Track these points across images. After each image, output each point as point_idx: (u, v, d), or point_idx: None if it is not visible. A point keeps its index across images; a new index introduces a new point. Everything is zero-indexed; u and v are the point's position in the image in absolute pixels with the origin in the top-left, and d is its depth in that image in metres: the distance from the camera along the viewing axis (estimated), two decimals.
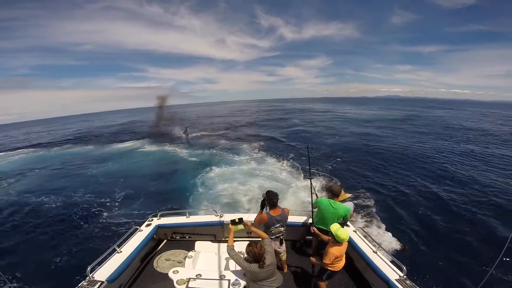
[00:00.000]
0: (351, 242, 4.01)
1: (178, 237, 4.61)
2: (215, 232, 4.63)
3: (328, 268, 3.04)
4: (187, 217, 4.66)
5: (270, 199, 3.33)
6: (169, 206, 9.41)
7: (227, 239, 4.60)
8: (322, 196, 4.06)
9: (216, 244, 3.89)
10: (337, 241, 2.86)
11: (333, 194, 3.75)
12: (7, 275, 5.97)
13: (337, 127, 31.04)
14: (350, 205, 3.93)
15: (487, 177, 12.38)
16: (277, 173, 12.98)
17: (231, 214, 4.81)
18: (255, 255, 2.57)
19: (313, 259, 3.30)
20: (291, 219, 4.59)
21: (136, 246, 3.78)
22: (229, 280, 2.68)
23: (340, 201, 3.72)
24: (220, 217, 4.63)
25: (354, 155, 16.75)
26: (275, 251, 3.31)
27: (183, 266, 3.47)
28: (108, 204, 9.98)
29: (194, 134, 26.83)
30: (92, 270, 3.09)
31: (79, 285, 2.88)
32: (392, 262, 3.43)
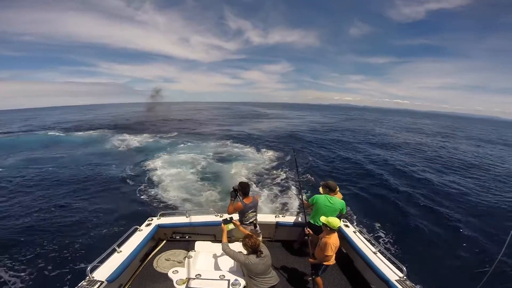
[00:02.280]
0: (351, 243, 4.02)
1: (178, 237, 4.61)
2: (215, 232, 4.63)
3: (324, 263, 3.13)
4: (187, 217, 4.66)
5: (243, 189, 3.74)
6: (169, 206, 9.41)
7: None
8: (318, 193, 4.10)
9: (216, 244, 3.89)
10: (331, 230, 3.01)
11: (330, 189, 3.86)
12: (6, 275, 5.97)
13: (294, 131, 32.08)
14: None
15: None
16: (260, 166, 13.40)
17: (231, 214, 4.82)
18: (252, 245, 2.74)
19: (311, 260, 3.32)
20: (286, 219, 4.61)
21: (136, 246, 3.78)
22: (228, 280, 2.68)
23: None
24: (220, 217, 4.63)
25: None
26: (254, 232, 3.74)
27: (182, 266, 3.47)
28: (108, 203, 9.97)
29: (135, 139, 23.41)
30: (92, 270, 3.08)
31: (79, 285, 2.88)
32: (392, 262, 3.43)
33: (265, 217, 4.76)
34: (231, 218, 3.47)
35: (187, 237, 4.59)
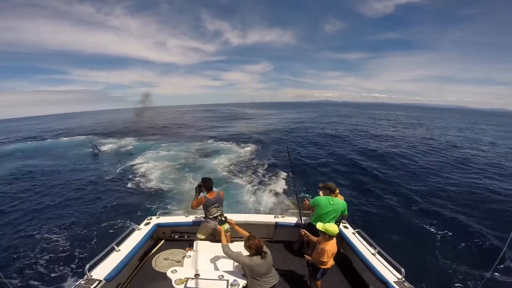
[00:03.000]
0: (349, 244, 4.01)
1: (176, 237, 4.61)
2: (214, 232, 4.63)
3: (321, 267, 3.11)
4: (186, 216, 4.65)
5: (206, 184, 3.85)
6: (168, 205, 9.41)
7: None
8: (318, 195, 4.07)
9: (215, 244, 3.89)
10: (329, 237, 2.98)
11: (330, 191, 3.83)
12: (5, 274, 5.96)
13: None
14: None
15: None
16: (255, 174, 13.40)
17: (230, 214, 4.81)
18: (257, 246, 2.70)
19: (308, 257, 3.32)
20: (285, 220, 4.60)
21: (134, 245, 3.77)
22: (227, 280, 2.67)
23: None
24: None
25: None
26: (216, 229, 3.80)
27: (181, 265, 3.46)
28: (107, 203, 9.97)
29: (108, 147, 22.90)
30: (90, 268, 3.07)
31: (77, 283, 2.87)
32: (390, 264, 3.43)
33: (264, 217, 4.76)
34: (225, 218, 3.45)
35: (186, 236, 4.58)
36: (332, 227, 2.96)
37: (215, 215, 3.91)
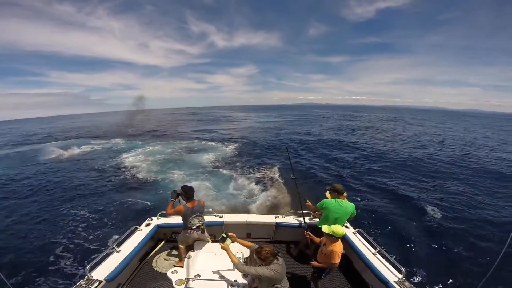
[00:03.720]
0: (350, 243, 4.01)
1: (177, 237, 4.61)
2: (214, 232, 4.63)
3: (332, 267, 3.11)
4: None
5: (186, 193, 3.58)
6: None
7: None
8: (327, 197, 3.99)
9: (215, 245, 3.89)
10: (336, 239, 2.98)
11: (338, 192, 3.77)
12: (4, 274, 5.95)
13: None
14: None
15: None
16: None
17: (230, 214, 4.82)
18: (272, 252, 2.57)
19: (314, 263, 3.28)
20: (285, 220, 4.60)
21: (135, 246, 3.78)
22: (228, 281, 2.67)
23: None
24: (220, 217, 4.63)
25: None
26: (202, 238, 3.75)
27: (182, 266, 3.47)
28: (107, 202, 9.98)
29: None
30: (91, 269, 3.08)
31: (77, 284, 2.87)
32: (391, 264, 3.43)
33: (264, 217, 4.76)
34: (226, 233, 3.03)
35: None
36: (338, 229, 2.97)
37: (197, 225, 3.66)
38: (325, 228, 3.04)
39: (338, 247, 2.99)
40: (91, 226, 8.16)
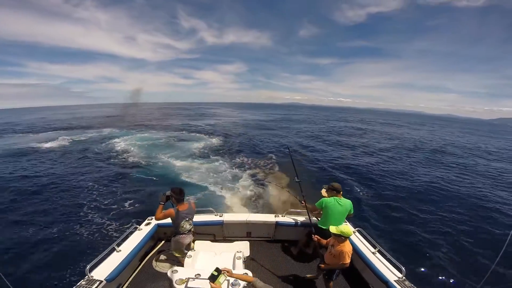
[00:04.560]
0: (350, 242, 4.02)
1: None
2: (214, 232, 4.63)
3: (344, 268, 3.09)
4: None
5: (177, 195, 3.36)
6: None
7: (226, 238, 4.62)
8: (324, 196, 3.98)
9: (215, 244, 3.89)
10: (344, 238, 2.99)
11: (337, 191, 3.79)
12: (5, 274, 5.95)
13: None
14: None
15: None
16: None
17: (230, 213, 4.82)
18: None
19: (323, 265, 3.27)
20: (285, 219, 4.60)
21: (135, 245, 3.78)
22: (228, 280, 2.67)
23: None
24: (220, 216, 4.63)
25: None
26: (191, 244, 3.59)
27: (180, 264, 3.47)
28: (107, 202, 9.96)
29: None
30: (91, 269, 3.08)
31: (78, 284, 2.87)
32: (391, 263, 3.43)
33: (264, 216, 4.76)
34: (218, 269, 2.40)
35: None
36: (347, 229, 2.97)
37: (189, 229, 3.52)
38: (333, 229, 3.03)
39: (347, 247, 3.00)
40: (91, 225, 8.16)
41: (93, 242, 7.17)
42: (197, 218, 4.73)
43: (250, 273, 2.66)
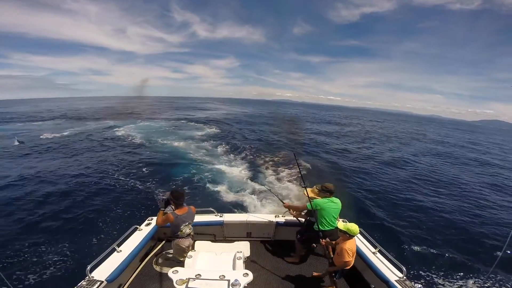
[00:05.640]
0: None
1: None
2: (215, 232, 4.63)
3: (346, 268, 3.09)
4: None
5: (176, 199, 3.27)
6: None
7: (226, 238, 4.62)
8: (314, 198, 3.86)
9: (216, 244, 3.89)
10: (349, 236, 2.98)
11: (330, 192, 3.76)
12: (5, 274, 5.94)
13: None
14: None
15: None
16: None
17: (231, 213, 4.82)
18: None
19: (330, 268, 3.26)
20: (284, 219, 4.60)
21: (135, 246, 3.78)
22: (228, 280, 2.67)
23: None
24: (220, 216, 4.63)
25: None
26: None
27: (182, 266, 3.47)
28: (107, 202, 9.96)
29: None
30: (92, 269, 3.07)
31: (78, 284, 2.87)
32: (392, 262, 3.43)
33: (264, 216, 4.76)
34: None
35: None
36: (354, 227, 2.97)
37: (188, 233, 3.46)
38: (340, 225, 3.06)
39: (348, 245, 2.99)
40: (90, 224, 8.16)
41: (93, 242, 7.17)
42: (198, 218, 4.72)
43: (250, 273, 2.66)
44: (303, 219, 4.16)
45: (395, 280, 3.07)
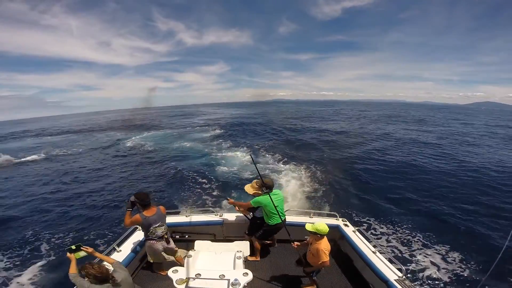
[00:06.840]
0: (350, 242, 4.02)
1: (177, 237, 4.61)
2: (214, 232, 4.64)
3: (323, 267, 3.10)
4: (186, 216, 4.65)
5: (142, 201, 3.23)
6: (168, 205, 9.41)
7: (226, 238, 4.62)
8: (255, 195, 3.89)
9: (215, 244, 3.89)
10: (321, 236, 2.99)
11: (270, 189, 3.73)
12: (5, 275, 5.97)
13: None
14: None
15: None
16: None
17: (230, 213, 4.82)
18: (98, 275, 2.30)
19: (307, 269, 3.28)
20: (287, 220, 4.58)
21: (135, 245, 3.79)
22: (228, 280, 2.67)
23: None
24: (220, 216, 4.64)
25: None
26: (168, 249, 3.50)
27: (182, 265, 3.47)
28: (107, 202, 9.97)
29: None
30: None
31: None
32: (391, 262, 3.43)
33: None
34: (78, 246, 2.72)
35: (186, 236, 4.59)
36: (322, 226, 2.95)
37: (160, 235, 3.40)
38: (308, 227, 3.02)
39: (323, 245, 2.97)
40: (90, 224, 8.16)
41: (93, 242, 7.17)
42: (197, 218, 4.73)
43: (250, 273, 2.66)
44: (251, 215, 4.25)
45: (395, 280, 3.07)
